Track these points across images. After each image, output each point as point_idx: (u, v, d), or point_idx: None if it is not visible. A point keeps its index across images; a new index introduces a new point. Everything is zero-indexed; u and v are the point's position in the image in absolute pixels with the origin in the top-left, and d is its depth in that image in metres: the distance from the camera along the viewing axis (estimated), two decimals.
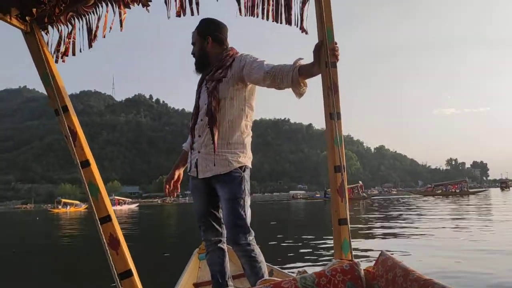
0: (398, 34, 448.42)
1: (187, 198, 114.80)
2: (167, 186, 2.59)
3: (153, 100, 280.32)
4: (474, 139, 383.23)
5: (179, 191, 2.62)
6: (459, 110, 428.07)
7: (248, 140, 2.37)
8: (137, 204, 70.95)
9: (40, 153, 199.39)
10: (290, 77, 2.05)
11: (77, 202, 67.74)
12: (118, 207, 54.31)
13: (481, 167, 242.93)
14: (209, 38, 2.37)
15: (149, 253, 9.03)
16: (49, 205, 64.48)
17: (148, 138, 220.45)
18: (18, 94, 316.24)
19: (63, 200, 66.42)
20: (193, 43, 2.43)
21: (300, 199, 65.99)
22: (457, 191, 50.12)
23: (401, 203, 30.95)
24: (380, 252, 1.64)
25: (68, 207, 60.54)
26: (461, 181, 53.41)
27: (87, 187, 1.81)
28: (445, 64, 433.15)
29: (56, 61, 2.07)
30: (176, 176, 2.60)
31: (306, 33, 2.05)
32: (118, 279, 1.67)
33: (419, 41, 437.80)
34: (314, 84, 2.06)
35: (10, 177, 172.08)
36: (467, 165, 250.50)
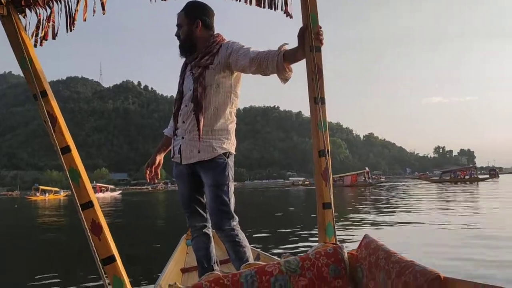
0: (388, 25, 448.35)
1: (175, 185, 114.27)
2: (148, 172, 2.56)
3: (141, 86, 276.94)
4: (461, 127, 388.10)
5: (159, 177, 2.60)
6: (446, 99, 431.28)
7: (232, 126, 2.38)
8: (119, 192, 69.49)
9: (25, 140, 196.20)
10: (275, 63, 2.06)
11: (56, 189, 65.53)
12: (100, 195, 52.67)
13: (468, 155, 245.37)
14: (199, 22, 2.33)
15: (137, 239, 8.87)
16: (11, 192, 62.16)
17: (136, 125, 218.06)
18: (3, 80, 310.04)
19: (41, 187, 63.95)
20: (178, 25, 2.37)
21: (300, 186, 64.95)
22: (466, 177, 48.81)
23: (412, 190, 30.34)
24: (364, 235, 1.67)
25: (47, 194, 58.68)
26: (470, 167, 51.85)
27: (67, 173, 1.79)
28: (434, 54, 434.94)
29: (35, 45, 2.01)
30: (156, 162, 2.57)
31: (291, 17, 2.04)
32: (100, 265, 1.67)
33: (408, 32, 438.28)
34: (304, 71, 2.06)
35: None
36: (455, 153, 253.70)
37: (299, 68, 2.08)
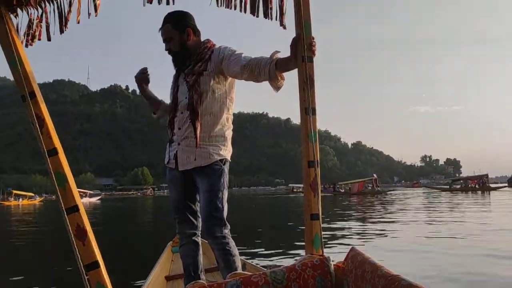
0: (375, 32, 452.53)
1: (163, 191, 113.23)
2: (139, 80, 2.51)
3: (129, 91, 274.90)
4: (447, 136, 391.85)
5: (149, 81, 2.54)
6: (433, 109, 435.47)
7: (229, 133, 2.38)
8: (99, 197, 67.20)
9: (9, 143, 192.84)
10: (267, 71, 2.06)
11: (31, 194, 62.92)
12: None
13: (454, 164, 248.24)
14: (189, 30, 2.32)
15: (121, 246, 8.57)
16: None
17: (124, 130, 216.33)
18: None
19: (15, 191, 60.60)
20: (167, 39, 2.33)
21: (300, 193, 58.00)
22: (477, 186, 45.89)
23: (425, 199, 28.80)
24: (351, 247, 1.67)
25: (21, 199, 55.53)
26: (482, 176, 48.28)
27: (53, 176, 1.78)
28: (421, 63, 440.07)
29: (26, 46, 2.01)
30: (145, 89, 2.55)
31: (285, 28, 2.03)
32: (84, 271, 1.65)
33: (396, 40, 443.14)
34: (293, 78, 2.05)
35: None
36: (441, 162, 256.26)
37: (288, 76, 2.11)
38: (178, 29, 2.30)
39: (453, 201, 23.23)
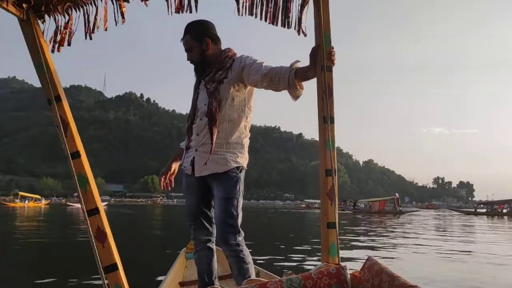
0: (393, 53, 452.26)
1: (173, 200, 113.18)
2: (162, 179, 2.55)
3: (144, 99, 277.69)
4: (461, 159, 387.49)
5: (172, 185, 2.57)
6: (447, 130, 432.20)
7: (246, 141, 2.39)
8: (106, 203, 66.11)
9: (24, 145, 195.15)
10: (287, 80, 2.09)
11: (38, 196, 62.43)
12: (79, 205, 50.11)
13: (467, 187, 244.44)
14: (208, 39, 2.34)
15: (135, 252, 8.54)
16: (5, 197, 57.93)
17: (136, 137, 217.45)
18: (6, 84, 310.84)
19: (21, 193, 60.64)
20: (188, 50, 2.37)
21: (315, 209, 57.09)
22: (505, 211, 43.91)
23: (455, 222, 28.01)
24: (367, 257, 1.66)
25: (27, 201, 55.24)
26: (510, 201, 46.26)
27: (76, 178, 1.80)
28: (438, 85, 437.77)
29: (52, 51, 2.05)
30: (172, 169, 2.57)
31: (305, 35, 2.06)
32: (102, 272, 1.67)
33: (413, 60, 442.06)
34: (306, 93, 2.11)
35: None
36: (453, 185, 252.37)
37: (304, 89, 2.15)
38: (197, 40, 2.32)
39: (493, 226, 22.44)
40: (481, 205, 52.64)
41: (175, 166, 2.56)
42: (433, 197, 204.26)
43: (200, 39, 2.33)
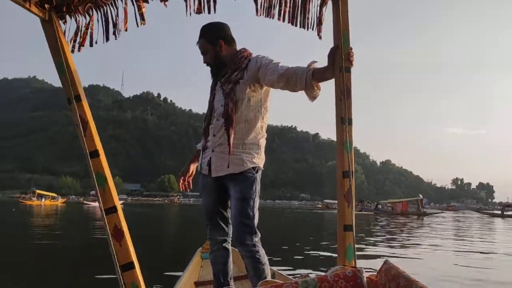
0: (409, 50, 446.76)
1: (189, 199, 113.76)
2: (181, 181, 2.60)
3: (161, 98, 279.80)
4: (481, 160, 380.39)
5: (191, 186, 2.61)
6: (467, 130, 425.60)
7: (262, 142, 2.39)
8: (122, 202, 66.25)
9: (43, 144, 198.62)
10: (304, 80, 2.08)
11: (54, 194, 62.85)
12: (93, 204, 49.06)
13: (487, 189, 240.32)
14: (221, 42, 2.36)
15: (150, 251, 8.52)
16: (25, 195, 58.44)
17: (153, 137, 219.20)
18: (27, 84, 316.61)
19: (38, 191, 60.65)
20: (203, 53, 2.40)
21: (334, 210, 52.98)
22: None
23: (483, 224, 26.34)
24: (384, 260, 1.65)
25: (43, 199, 55.32)
26: None
27: (94, 177, 1.82)
28: (458, 84, 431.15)
29: (72, 51, 2.08)
30: (190, 171, 2.61)
31: (320, 38, 2.06)
32: (119, 271, 1.69)
33: (432, 59, 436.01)
34: (324, 93, 2.11)
35: (11, 166, 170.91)
36: (473, 186, 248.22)
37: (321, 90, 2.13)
38: (211, 42, 2.34)
39: None
40: (509, 207, 48.81)
41: (193, 167, 2.60)
42: (452, 199, 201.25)
43: (214, 42, 2.34)
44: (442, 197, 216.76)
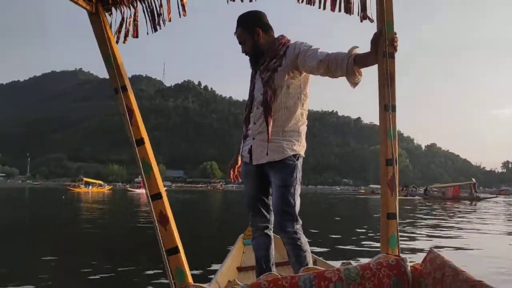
0: (460, 28, 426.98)
1: (232, 185, 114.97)
2: (232, 172, 2.65)
3: (202, 86, 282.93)
4: None
5: (241, 177, 2.63)
6: None
7: (303, 128, 2.37)
8: (166, 188, 68.44)
9: (89, 134, 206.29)
10: (345, 66, 2.04)
11: (101, 182, 65.03)
12: (144, 190, 51.91)
13: None
14: (259, 30, 2.36)
15: (194, 237, 8.57)
16: (74, 183, 61.16)
17: (195, 124, 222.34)
18: (73, 76, 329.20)
19: (85, 179, 62.84)
20: (241, 42, 2.41)
21: (378, 195, 54.20)
22: None
23: None
24: (429, 249, 1.63)
25: (90, 186, 57.37)
26: None
27: (140, 164, 1.87)
28: (508, 65, 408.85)
29: (117, 42, 2.13)
30: (239, 162, 2.64)
31: (371, 20, 1.96)
32: (165, 255, 1.74)
33: (484, 35, 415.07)
34: (365, 77, 2.09)
35: (61, 155, 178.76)
36: None
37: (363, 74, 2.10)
38: (248, 31, 2.35)
39: None
40: None
41: (240, 158, 2.59)
42: (502, 182, 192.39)
43: (251, 31, 2.34)
44: (491, 181, 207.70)
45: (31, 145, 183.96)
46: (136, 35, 2.16)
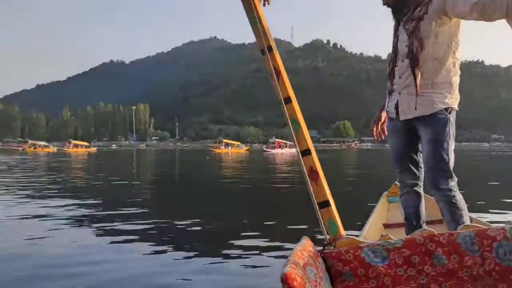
0: None
1: (366, 144, 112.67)
2: (375, 129, 2.60)
3: (330, 44, 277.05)
4: None
5: (386, 133, 2.58)
6: None
7: (456, 79, 2.20)
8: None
9: (227, 98, 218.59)
10: (505, 7, 1.76)
11: (238, 143, 69.88)
12: (278, 150, 54.78)
13: None
14: None
15: (334, 195, 8.22)
16: (214, 144, 67.98)
17: (325, 84, 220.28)
18: (209, 44, 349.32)
19: (225, 140, 68.23)
20: None
21: None
22: None
23: None
24: None
25: (229, 147, 61.85)
26: None
27: (289, 122, 1.89)
28: None
29: (264, 5, 2.14)
30: (382, 118, 2.58)
31: None
32: (317, 208, 1.77)
33: None
34: None
35: (203, 119, 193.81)
36: None
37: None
38: None
39: None
40: None
41: (384, 114, 2.53)
42: None
43: None
44: None
45: (178, 110, 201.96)
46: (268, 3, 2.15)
